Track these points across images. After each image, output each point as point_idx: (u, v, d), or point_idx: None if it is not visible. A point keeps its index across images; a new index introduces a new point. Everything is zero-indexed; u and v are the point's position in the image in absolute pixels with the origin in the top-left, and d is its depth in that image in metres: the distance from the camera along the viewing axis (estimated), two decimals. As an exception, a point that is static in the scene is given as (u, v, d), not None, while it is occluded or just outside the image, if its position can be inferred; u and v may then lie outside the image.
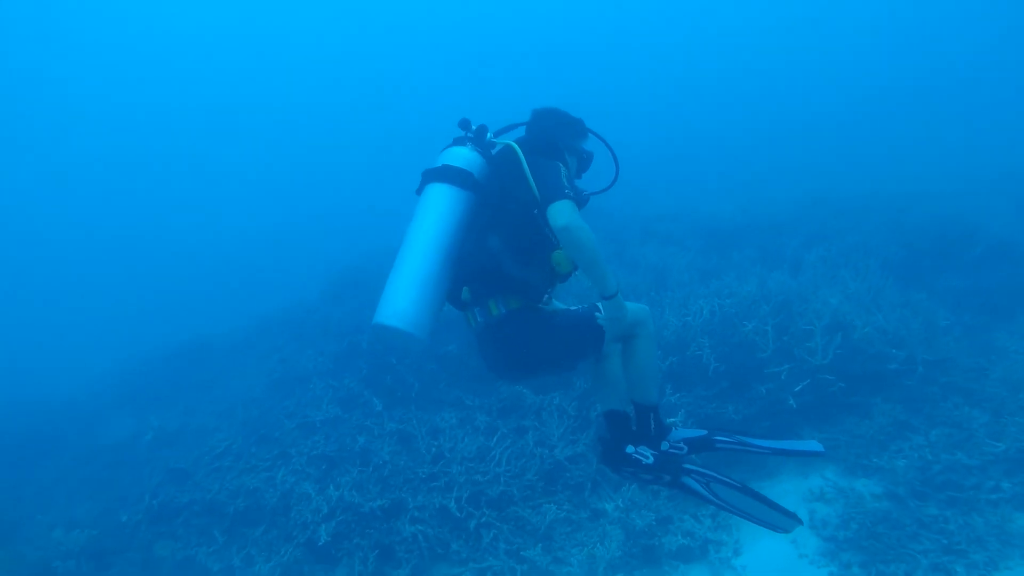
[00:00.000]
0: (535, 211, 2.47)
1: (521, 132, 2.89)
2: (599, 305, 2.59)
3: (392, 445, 5.56)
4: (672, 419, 4.91)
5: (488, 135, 2.81)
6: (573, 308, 2.79)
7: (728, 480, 2.62)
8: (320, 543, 4.66)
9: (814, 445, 2.95)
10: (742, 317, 5.40)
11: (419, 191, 2.72)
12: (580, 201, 2.77)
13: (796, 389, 4.84)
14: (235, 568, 4.82)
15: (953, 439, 4.35)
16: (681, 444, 2.79)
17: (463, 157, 2.71)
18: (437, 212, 2.62)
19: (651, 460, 2.64)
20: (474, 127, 2.80)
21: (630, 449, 2.67)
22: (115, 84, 31.97)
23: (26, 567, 5.15)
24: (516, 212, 2.54)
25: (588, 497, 4.94)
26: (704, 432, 2.91)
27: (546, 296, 2.69)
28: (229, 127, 29.89)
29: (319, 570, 4.60)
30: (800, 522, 2.67)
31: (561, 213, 2.35)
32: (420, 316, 2.49)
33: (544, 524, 4.63)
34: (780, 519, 2.64)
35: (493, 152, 2.78)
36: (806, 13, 29.63)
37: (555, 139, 2.77)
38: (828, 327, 5.05)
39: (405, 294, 2.50)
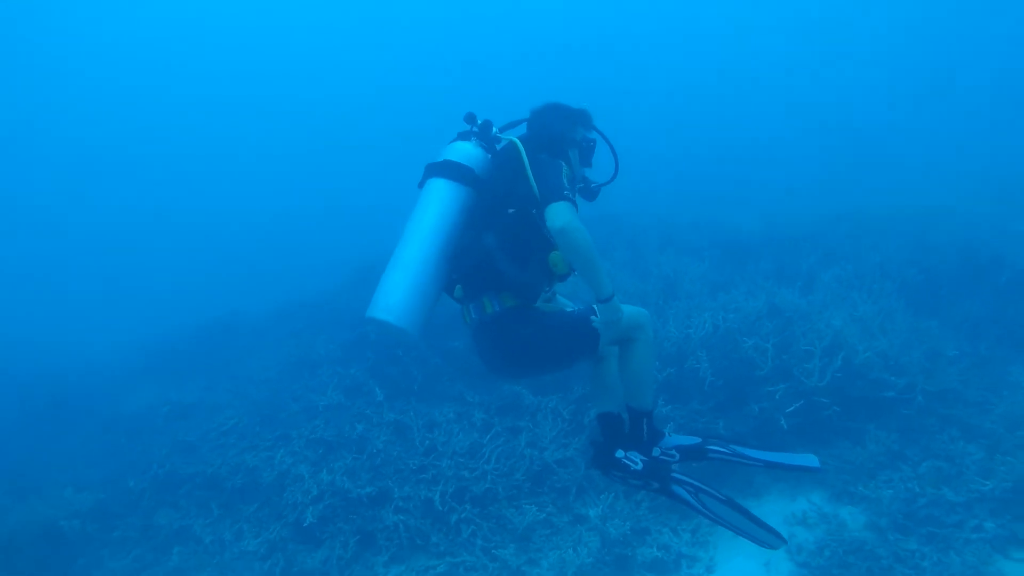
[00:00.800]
0: (534, 211, 2.47)
1: (525, 129, 2.87)
2: (595, 308, 2.57)
3: (387, 435, 5.68)
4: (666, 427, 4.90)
5: (494, 130, 2.80)
6: (569, 309, 2.79)
7: (715, 493, 2.60)
8: (306, 524, 4.82)
9: (810, 460, 2.89)
10: (744, 333, 5.33)
11: (421, 185, 2.74)
12: (591, 193, 2.93)
13: (788, 410, 4.77)
14: (225, 541, 5.02)
15: (943, 473, 4.23)
16: (673, 451, 2.79)
17: (465, 152, 2.71)
18: (435, 207, 2.63)
19: (639, 466, 2.62)
20: (480, 121, 2.80)
21: (620, 453, 2.66)
22: (156, 72, 33.03)
23: (36, 523, 5.46)
24: (515, 211, 2.54)
25: (572, 502, 4.97)
26: (698, 440, 2.90)
27: (546, 293, 2.69)
28: (264, 119, 30.64)
29: (302, 550, 4.75)
30: (784, 541, 2.67)
31: (558, 214, 2.35)
32: (411, 311, 2.52)
33: (523, 524, 4.68)
34: (765, 535, 2.63)
35: (499, 147, 2.77)
36: (837, 18, 28.81)
37: (556, 133, 2.75)
38: (828, 349, 4.96)
39: (398, 289, 2.52)
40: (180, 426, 6.48)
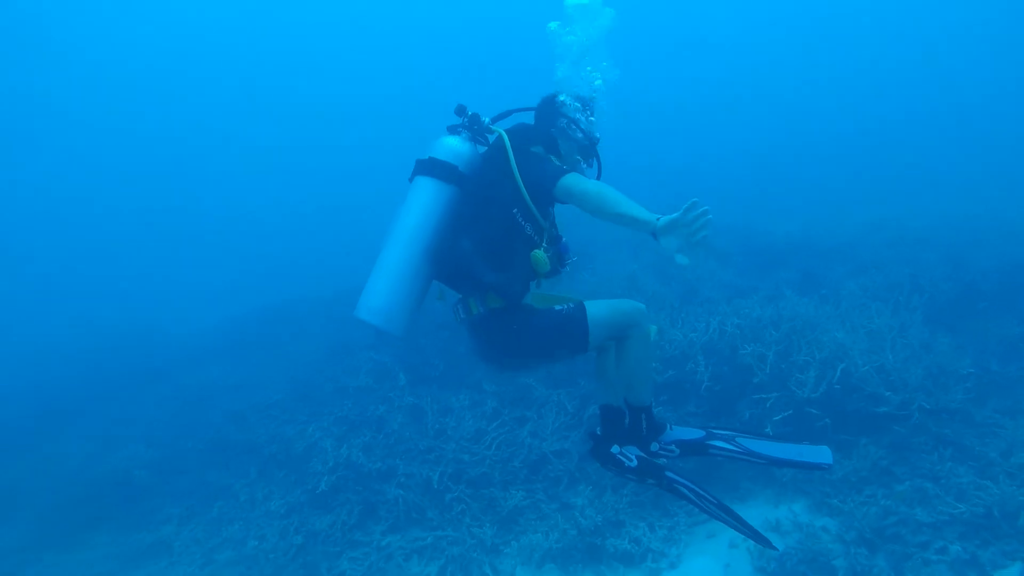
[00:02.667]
0: (515, 210, 2.47)
1: (518, 119, 2.82)
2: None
3: (404, 417, 6.17)
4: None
5: (486, 121, 2.73)
6: (558, 308, 2.67)
7: (709, 497, 2.63)
8: (319, 491, 5.40)
9: (823, 454, 2.78)
10: (747, 340, 5.38)
11: (410, 179, 2.72)
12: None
13: (776, 418, 4.81)
14: (256, 500, 5.69)
15: (925, 493, 4.17)
16: (673, 447, 2.77)
17: (450, 148, 2.66)
18: (417, 207, 2.61)
19: (634, 463, 2.63)
20: (469, 113, 2.73)
21: (615, 449, 2.67)
22: (200, 82, 35.19)
23: (115, 471, 6.40)
24: (496, 211, 2.51)
25: (562, 491, 5.25)
26: (701, 434, 2.86)
27: (534, 291, 2.69)
28: (302, 118, 32.10)
29: (314, 514, 5.31)
30: (776, 548, 2.78)
31: (572, 184, 2.33)
32: (394, 312, 2.55)
33: (508, 508, 5.02)
34: (758, 536, 2.68)
35: (491, 139, 2.73)
36: (886, 22, 26.64)
37: (545, 124, 2.74)
38: (827, 360, 4.94)
39: (381, 290, 2.55)
40: (234, 397, 7.31)
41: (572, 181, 2.36)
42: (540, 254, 2.49)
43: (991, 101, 17.70)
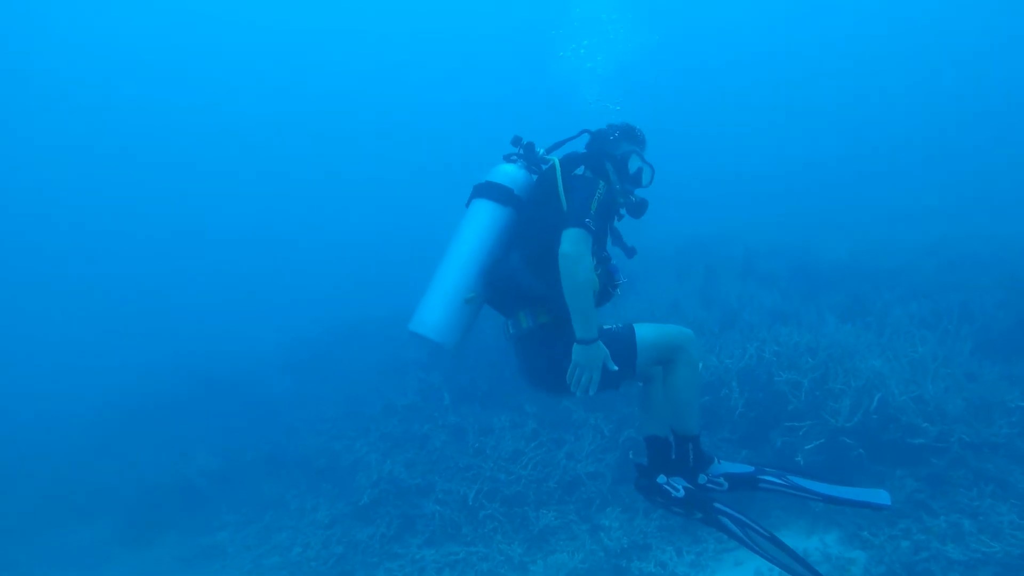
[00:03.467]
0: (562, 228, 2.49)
1: (571, 148, 2.93)
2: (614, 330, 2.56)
3: (446, 436, 6.39)
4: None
5: (541, 151, 2.89)
6: (607, 327, 2.67)
7: (759, 528, 2.55)
8: (361, 503, 5.67)
9: (881, 496, 2.73)
10: (783, 367, 5.32)
11: (467, 204, 2.86)
12: (636, 208, 2.91)
13: (807, 447, 4.74)
14: (305, 510, 6.04)
15: (960, 529, 4.02)
16: (721, 480, 2.71)
17: (506, 174, 2.81)
18: (473, 227, 2.74)
19: (681, 494, 2.58)
20: (524, 143, 2.90)
21: (662, 479, 2.63)
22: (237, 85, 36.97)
23: (180, 477, 6.92)
24: (544, 227, 2.58)
25: (594, 512, 5.32)
26: (751, 469, 2.79)
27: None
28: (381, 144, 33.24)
29: (356, 525, 5.59)
30: None
31: (569, 240, 2.38)
32: (448, 326, 2.66)
33: (539, 527, 5.13)
34: (805, 573, 2.55)
35: (544, 168, 2.85)
36: (941, 37, 25.14)
37: (597, 149, 2.85)
38: (864, 389, 4.83)
39: (436, 305, 2.66)
40: (292, 412, 7.75)
41: (574, 237, 2.40)
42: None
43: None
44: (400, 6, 37.06)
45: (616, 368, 2.53)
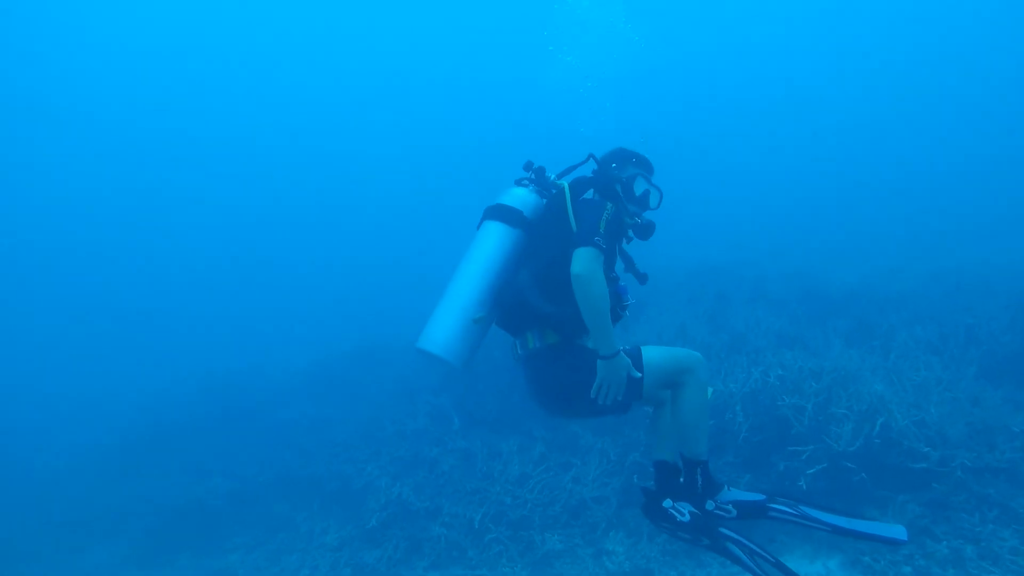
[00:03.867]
0: (569, 248, 2.54)
1: (580, 172, 3.00)
2: (636, 350, 2.58)
3: (455, 459, 6.46)
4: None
5: (551, 176, 2.97)
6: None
7: (767, 555, 2.54)
8: (368, 526, 5.75)
9: (897, 531, 2.65)
10: (787, 391, 5.35)
11: (478, 227, 2.93)
12: (643, 230, 2.93)
13: (810, 471, 4.75)
14: (314, 533, 6.12)
15: (962, 555, 3.99)
16: (730, 507, 2.66)
17: (518, 197, 2.88)
18: (484, 247, 2.80)
19: (687, 519, 2.57)
20: (535, 167, 2.99)
21: (667, 503, 2.61)
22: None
23: (194, 499, 7.05)
24: (553, 248, 2.63)
25: (599, 536, 5.34)
26: (761, 497, 2.74)
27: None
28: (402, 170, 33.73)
29: (364, 548, 5.66)
30: None
31: (580, 259, 2.41)
32: (456, 345, 2.69)
33: (544, 550, 5.16)
34: None
35: (554, 192, 2.91)
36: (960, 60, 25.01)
37: (605, 173, 2.91)
38: (866, 414, 4.84)
39: (446, 323, 2.70)
40: (307, 436, 7.87)
41: (586, 256, 2.44)
42: None
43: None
44: (401, 9, 37.96)
45: (639, 375, 2.56)
